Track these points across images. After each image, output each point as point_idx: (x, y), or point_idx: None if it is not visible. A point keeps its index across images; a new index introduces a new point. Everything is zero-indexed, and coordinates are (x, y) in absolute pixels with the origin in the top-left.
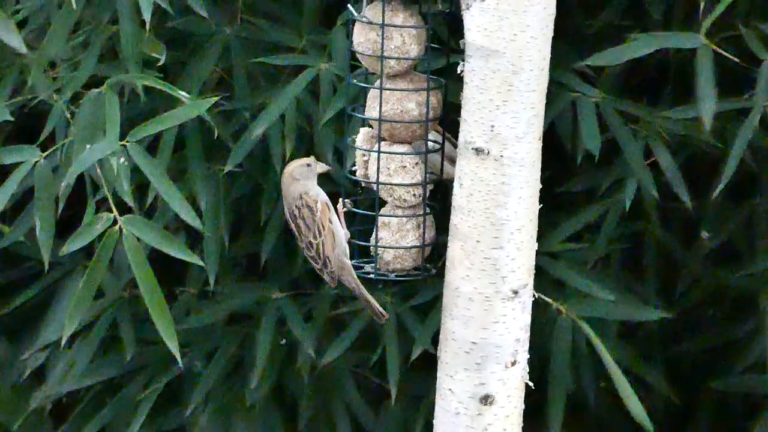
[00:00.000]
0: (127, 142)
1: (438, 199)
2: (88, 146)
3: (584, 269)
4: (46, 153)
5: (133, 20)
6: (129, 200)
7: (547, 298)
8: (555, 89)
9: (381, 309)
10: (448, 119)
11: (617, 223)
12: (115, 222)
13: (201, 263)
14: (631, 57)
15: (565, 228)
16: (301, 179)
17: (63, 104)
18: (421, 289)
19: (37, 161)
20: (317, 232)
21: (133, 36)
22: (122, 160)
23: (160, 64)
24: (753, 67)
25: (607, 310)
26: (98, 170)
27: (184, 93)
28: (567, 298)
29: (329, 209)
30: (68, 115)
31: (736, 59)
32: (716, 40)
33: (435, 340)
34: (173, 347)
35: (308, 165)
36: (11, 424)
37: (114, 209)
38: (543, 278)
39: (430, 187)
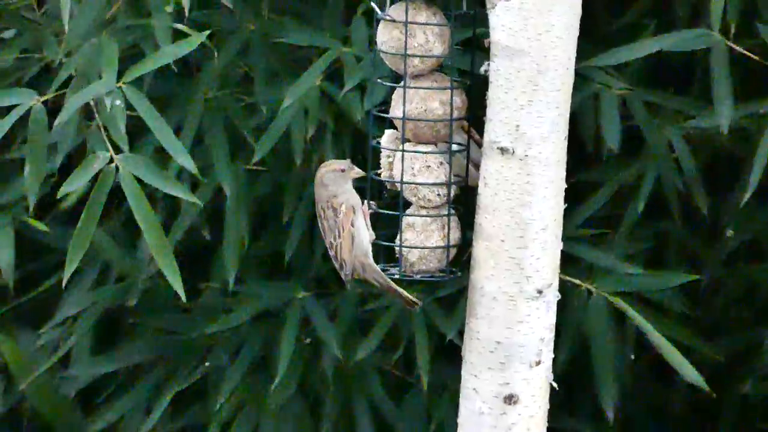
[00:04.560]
0: (123, 83)
1: (463, 200)
2: (74, 95)
3: (608, 249)
4: (43, 98)
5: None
6: (123, 143)
7: (575, 280)
8: (578, 81)
9: (412, 297)
10: (473, 118)
11: (640, 221)
12: (111, 161)
13: (198, 201)
14: (643, 55)
15: (580, 213)
16: (330, 185)
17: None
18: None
19: (33, 104)
20: (337, 233)
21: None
22: (118, 101)
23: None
24: None
25: (636, 283)
26: (96, 115)
27: (182, 26)
28: (595, 279)
29: (354, 213)
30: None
31: (755, 57)
32: (742, 40)
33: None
34: (176, 284)
35: (342, 170)
36: (41, 409)
37: (110, 148)
38: (568, 264)
39: (455, 188)
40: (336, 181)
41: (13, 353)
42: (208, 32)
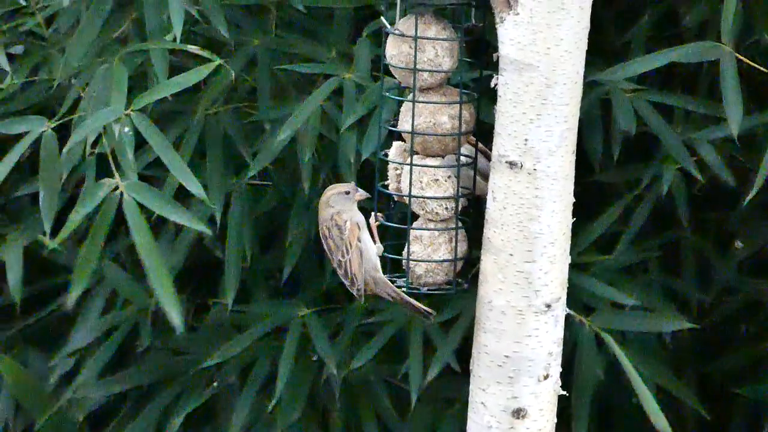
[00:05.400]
0: (131, 110)
1: (471, 213)
2: (84, 122)
3: (612, 278)
4: (53, 123)
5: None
6: (132, 169)
7: (569, 311)
8: (586, 86)
9: (426, 308)
10: (482, 132)
11: (649, 231)
12: (117, 188)
13: (208, 231)
14: (649, 69)
15: (594, 230)
16: (336, 206)
17: (79, 85)
18: (448, 303)
19: (43, 131)
20: (345, 250)
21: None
22: (126, 129)
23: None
24: None
25: (633, 321)
26: (104, 141)
27: (194, 47)
28: (592, 310)
29: (359, 229)
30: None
31: (763, 69)
32: (743, 48)
33: (459, 355)
34: (175, 315)
35: (347, 192)
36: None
37: (116, 175)
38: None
39: (462, 201)
40: (341, 203)
41: (17, 375)
42: (216, 63)
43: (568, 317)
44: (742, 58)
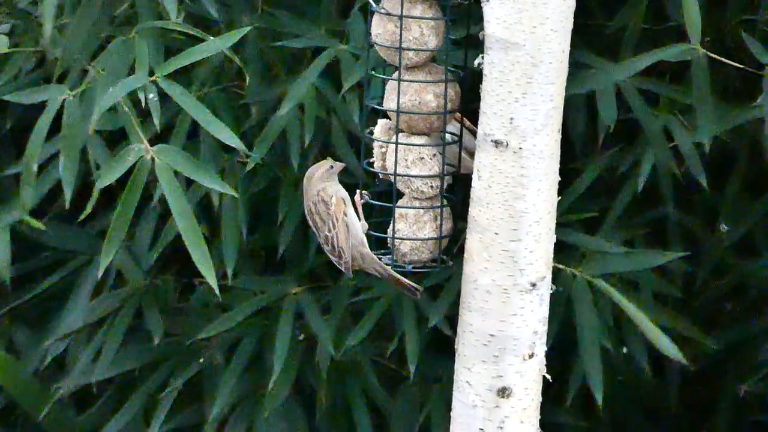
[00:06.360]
0: (158, 77)
1: (456, 191)
2: (111, 89)
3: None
4: (74, 91)
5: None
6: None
7: (560, 265)
8: (573, 69)
9: (413, 284)
10: (467, 110)
11: (636, 210)
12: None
13: (234, 193)
14: (626, 77)
15: (567, 196)
16: (322, 183)
17: (84, 59)
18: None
19: (65, 98)
20: (331, 224)
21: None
22: (152, 95)
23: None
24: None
25: (620, 264)
26: (125, 108)
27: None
28: (580, 263)
29: (345, 203)
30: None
31: (739, 65)
32: (728, 29)
33: (451, 324)
34: (211, 279)
35: (331, 167)
36: (34, 412)
37: (144, 140)
38: (556, 250)
39: (448, 179)
40: (326, 178)
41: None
42: (245, 30)
43: (559, 275)
44: (715, 56)
